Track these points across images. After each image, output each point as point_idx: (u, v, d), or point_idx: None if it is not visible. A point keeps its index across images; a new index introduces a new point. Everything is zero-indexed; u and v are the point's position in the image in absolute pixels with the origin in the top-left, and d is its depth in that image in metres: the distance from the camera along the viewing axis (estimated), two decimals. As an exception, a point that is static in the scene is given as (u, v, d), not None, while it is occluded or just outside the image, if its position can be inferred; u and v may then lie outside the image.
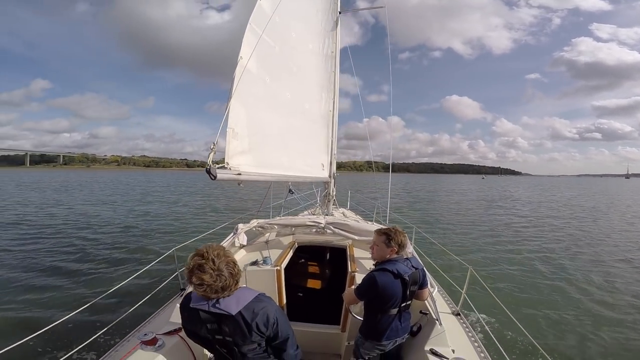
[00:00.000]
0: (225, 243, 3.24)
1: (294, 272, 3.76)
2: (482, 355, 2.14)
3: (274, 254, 3.25)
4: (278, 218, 3.87)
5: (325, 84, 4.55)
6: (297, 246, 3.68)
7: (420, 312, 2.46)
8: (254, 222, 3.63)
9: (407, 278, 2.10)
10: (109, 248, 9.54)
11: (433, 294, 2.53)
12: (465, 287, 2.86)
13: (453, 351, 2.01)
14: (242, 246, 3.51)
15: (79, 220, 14.37)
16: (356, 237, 3.54)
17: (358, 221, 4.02)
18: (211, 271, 1.37)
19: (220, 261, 1.41)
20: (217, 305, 1.43)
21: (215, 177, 2.45)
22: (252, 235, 3.71)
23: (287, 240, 3.77)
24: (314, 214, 4.82)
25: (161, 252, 4.01)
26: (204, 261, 1.38)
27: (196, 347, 1.86)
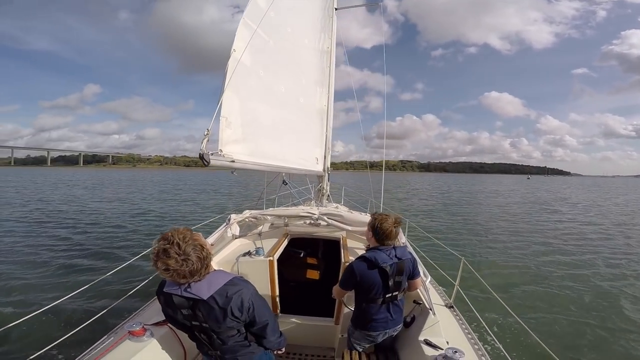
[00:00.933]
0: (217, 234, 3.23)
1: (288, 265, 3.76)
2: (476, 346, 2.12)
3: (267, 245, 3.24)
4: (271, 209, 3.87)
5: (320, 79, 4.57)
6: (290, 238, 3.69)
7: (414, 301, 2.45)
8: (247, 213, 3.62)
9: (386, 268, 2.05)
10: (104, 241, 9.71)
11: (426, 284, 2.52)
12: (458, 279, 2.83)
13: (447, 342, 1.99)
14: (234, 237, 3.50)
15: (83, 215, 14.82)
16: (349, 228, 3.53)
17: (352, 212, 4.00)
18: (176, 256, 1.29)
19: (187, 245, 1.32)
20: (188, 289, 1.39)
21: (208, 162, 2.49)
22: (245, 227, 3.70)
23: (280, 231, 3.77)
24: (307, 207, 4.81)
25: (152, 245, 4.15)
26: (168, 245, 1.30)
27: (185, 337, 1.83)
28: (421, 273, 2.53)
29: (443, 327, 2.14)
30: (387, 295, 2.10)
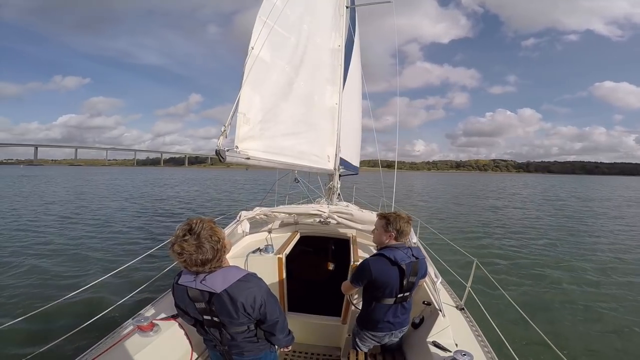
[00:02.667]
0: (227, 230, 3.24)
1: (297, 263, 3.74)
2: (486, 349, 2.08)
3: (277, 242, 3.26)
4: (281, 207, 3.86)
5: (332, 78, 4.58)
6: (300, 236, 3.68)
7: (423, 302, 2.41)
8: (257, 210, 3.62)
9: (404, 267, 2.01)
10: (124, 237, 9.99)
11: (437, 285, 2.49)
12: (470, 280, 2.77)
13: (456, 345, 1.96)
14: (245, 234, 3.52)
15: (124, 211, 15.54)
16: (359, 227, 3.49)
17: (362, 211, 3.94)
18: (194, 242, 1.34)
19: (205, 233, 1.37)
20: (203, 282, 1.41)
21: (224, 159, 2.57)
22: (255, 224, 3.70)
23: (290, 229, 3.78)
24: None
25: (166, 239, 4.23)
26: (189, 232, 1.36)
27: (193, 333, 1.85)
28: (432, 274, 2.50)
29: (453, 329, 2.11)
30: (399, 295, 2.07)
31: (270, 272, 2.91)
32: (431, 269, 2.71)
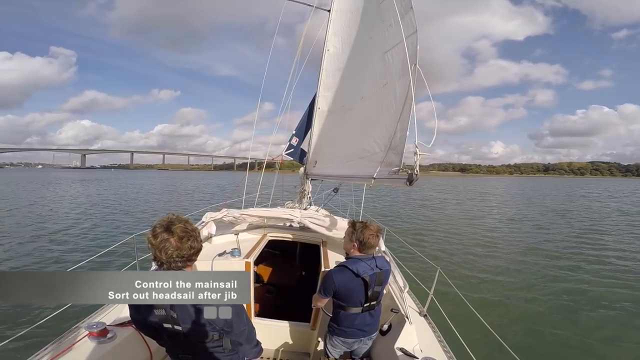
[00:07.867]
0: None
1: (265, 267, 3.63)
2: (449, 355, 2.14)
3: (244, 246, 3.11)
4: (251, 209, 3.62)
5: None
6: (268, 240, 3.54)
7: (391, 310, 2.43)
8: (224, 212, 3.41)
9: (366, 279, 2.04)
10: (92, 236, 10.16)
11: (404, 293, 2.54)
12: (432, 288, 2.81)
13: (421, 350, 2.02)
14: (210, 236, 3.35)
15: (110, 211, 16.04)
16: (330, 233, 3.39)
17: (333, 217, 3.83)
18: (181, 233, 1.30)
19: (190, 227, 1.34)
20: None
21: None
22: (222, 225, 3.50)
23: (258, 233, 3.61)
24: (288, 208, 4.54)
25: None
26: (176, 221, 1.32)
27: (152, 339, 1.75)
28: (400, 282, 2.57)
29: (418, 336, 2.17)
30: (365, 305, 2.11)
31: None
32: (399, 278, 2.70)
